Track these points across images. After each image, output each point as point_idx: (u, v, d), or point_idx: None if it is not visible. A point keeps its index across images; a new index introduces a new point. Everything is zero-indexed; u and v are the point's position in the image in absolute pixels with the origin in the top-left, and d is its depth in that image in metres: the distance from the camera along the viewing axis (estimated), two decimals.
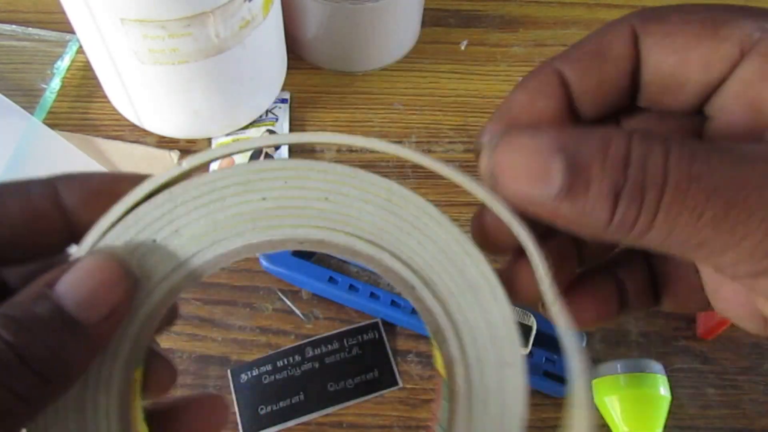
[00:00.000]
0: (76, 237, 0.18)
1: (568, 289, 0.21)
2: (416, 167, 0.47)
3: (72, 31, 0.44)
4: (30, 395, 0.15)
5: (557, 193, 0.15)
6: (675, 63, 0.17)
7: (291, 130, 0.48)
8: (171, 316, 0.23)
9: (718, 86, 0.17)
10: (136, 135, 0.48)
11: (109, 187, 0.18)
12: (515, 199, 0.16)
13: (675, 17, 0.17)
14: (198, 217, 0.18)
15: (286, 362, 0.39)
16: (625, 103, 0.19)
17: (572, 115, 0.19)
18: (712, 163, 0.15)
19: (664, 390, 0.36)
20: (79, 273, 0.16)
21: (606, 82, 0.18)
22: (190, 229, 0.18)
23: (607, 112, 0.19)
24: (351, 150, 0.48)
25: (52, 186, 0.18)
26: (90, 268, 0.16)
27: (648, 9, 0.18)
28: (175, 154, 0.46)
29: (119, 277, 0.17)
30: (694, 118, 0.19)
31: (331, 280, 0.40)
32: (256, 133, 0.47)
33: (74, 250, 0.18)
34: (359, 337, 0.40)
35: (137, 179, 0.18)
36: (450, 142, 0.49)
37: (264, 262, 0.41)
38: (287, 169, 0.18)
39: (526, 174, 0.15)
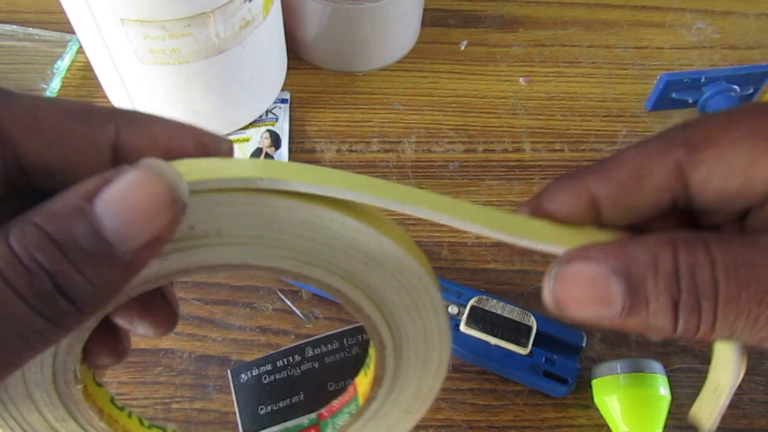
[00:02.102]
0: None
1: None
2: (416, 167, 0.47)
3: (72, 31, 0.44)
4: (62, 321, 0.14)
5: (620, 313, 0.17)
6: (738, 184, 0.18)
7: (291, 130, 0.48)
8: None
9: None
10: None
11: (168, 141, 0.17)
12: (582, 321, 0.17)
13: (722, 139, 0.18)
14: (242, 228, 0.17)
15: (285, 362, 0.39)
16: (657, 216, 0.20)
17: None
18: (757, 265, 0.16)
19: (664, 390, 0.36)
20: (121, 189, 0.14)
21: (640, 207, 0.19)
22: (227, 236, 0.17)
23: (634, 224, 0.20)
24: (351, 150, 0.48)
25: (112, 121, 0.17)
26: (135, 184, 0.14)
27: (688, 128, 0.18)
28: None
29: (167, 201, 0.15)
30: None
31: None
32: (256, 133, 0.47)
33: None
34: (359, 337, 0.40)
35: (197, 137, 0.18)
36: (450, 142, 0.49)
37: None
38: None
39: (589, 301, 0.17)
